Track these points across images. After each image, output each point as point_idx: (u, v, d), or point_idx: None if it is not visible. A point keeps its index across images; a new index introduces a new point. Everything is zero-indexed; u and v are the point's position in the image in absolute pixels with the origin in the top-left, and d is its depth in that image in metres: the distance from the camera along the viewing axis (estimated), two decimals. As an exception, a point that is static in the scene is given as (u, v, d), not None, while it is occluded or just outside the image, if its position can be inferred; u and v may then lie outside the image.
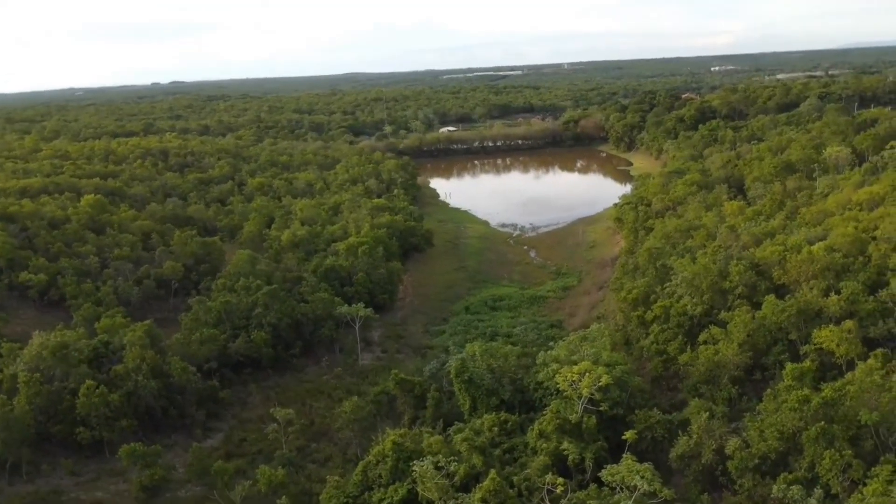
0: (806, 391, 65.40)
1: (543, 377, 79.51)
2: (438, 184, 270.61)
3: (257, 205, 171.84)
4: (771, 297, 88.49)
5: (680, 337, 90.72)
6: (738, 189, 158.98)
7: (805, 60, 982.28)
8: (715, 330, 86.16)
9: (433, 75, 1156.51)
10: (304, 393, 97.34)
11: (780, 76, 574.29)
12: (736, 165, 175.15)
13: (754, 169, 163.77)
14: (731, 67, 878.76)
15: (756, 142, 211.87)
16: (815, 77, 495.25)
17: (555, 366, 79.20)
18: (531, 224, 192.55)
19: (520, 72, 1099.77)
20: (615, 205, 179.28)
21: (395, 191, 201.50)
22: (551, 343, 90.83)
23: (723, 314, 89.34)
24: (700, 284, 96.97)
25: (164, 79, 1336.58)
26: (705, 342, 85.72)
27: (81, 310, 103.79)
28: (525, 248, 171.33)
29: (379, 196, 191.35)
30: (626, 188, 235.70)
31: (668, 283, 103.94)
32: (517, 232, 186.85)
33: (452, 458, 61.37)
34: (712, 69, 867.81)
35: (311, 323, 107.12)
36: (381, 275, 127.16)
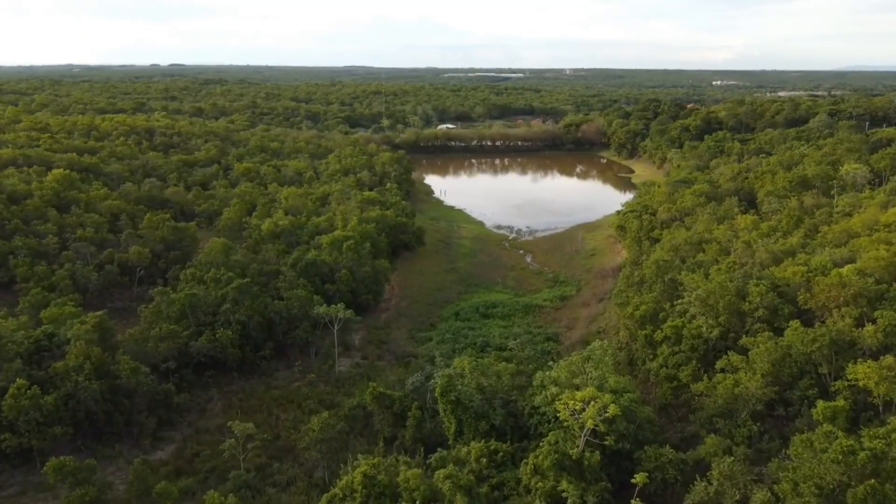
0: (850, 441, 55.35)
1: (541, 401, 69.29)
2: (433, 181, 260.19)
3: (241, 191, 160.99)
4: (796, 324, 78.54)
5: (693, 362, 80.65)
6: (748, 202, 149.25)
7: (804, 80, 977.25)
8: (734, 357, 76.08)
9: (434, 73, 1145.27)
10: (272, 401, 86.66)
11: (781, 93, 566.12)
12: (746, 178, 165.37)
13: (766, 182, 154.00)
14: (733, 82, 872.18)
15: (765, 155, 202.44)
16: (818, 96, 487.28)
17: (554, 389, 69.06)
18: (528, 227, 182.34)
19: (521, 75, 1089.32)
20: (617, 212, 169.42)
21: (388, 185, 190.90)
22: (550, 362, 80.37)
23: (744, 340, 79.20)
24: (716, 304, 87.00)
25: (165, 60, 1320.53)
26: (723, 370, 75.85)
27: (30, 295, 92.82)
28: (521, 252, 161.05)
29: (371, 189, 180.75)
30: (626, 196, 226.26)
31: (678, 301, 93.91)
32: (513, 235, 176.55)
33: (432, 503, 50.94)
34: (714, 83, 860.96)
35: (286, 322, 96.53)
36: (366, 273, 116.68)
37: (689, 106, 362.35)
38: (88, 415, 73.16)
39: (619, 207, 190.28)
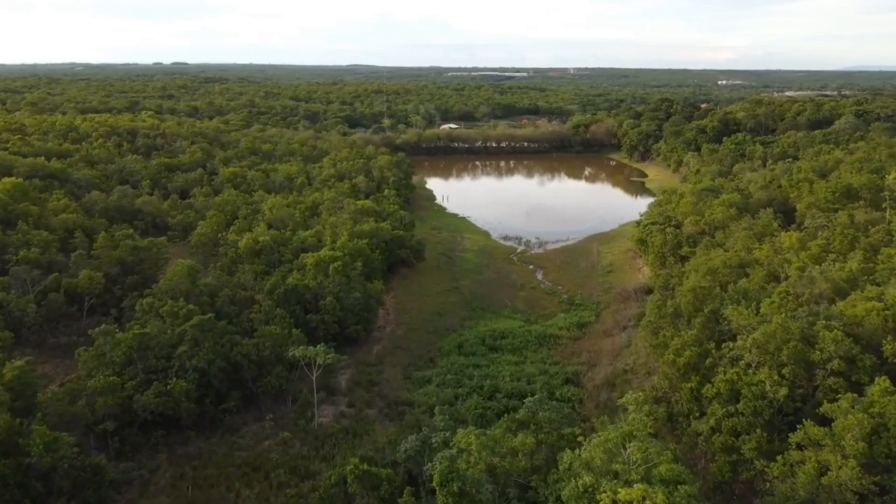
0: None
1: (570, 495, 52.11)
2: (436, 184, 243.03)
3: (221, 199, 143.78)
4: (884, 383, 61.36)
5: (758, 430, 63.39)
6: (784, 215, 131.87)
7: (810, 79, 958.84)
8: (814, 430, 58.83)
9: (437, 72, 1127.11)
10: (234, 469, 69.42)
11: (788, 93, 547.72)
12: (780, 187, 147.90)
13: (804, 193, 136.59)
14: (738, 82, 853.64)
15: (791, 160, 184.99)
16: (827, 95, 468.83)
17: (587, 478, 51.89)
18: (537, 238, 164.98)
19: (525, 74, 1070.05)
20: (637, 223, 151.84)
21: (386, 191, 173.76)
22: (576, 430, 62.96)
23: (825, 407, 61.78)
24: (777, 352, 69.89)
25: (168, 59, 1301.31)
26: (800, 445, 58.76)
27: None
28: (531, 267, 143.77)
29: (367, 196, 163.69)
30: (640, 201, 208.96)
31: (728, 345, 76.68)
32: (521, 247, 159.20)
33: None
34: (719, 83, 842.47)
35: (256, 367, 79.38)
36: (355, 299, 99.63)
37: (703, 106, 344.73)
38: (-14, 505, 56.22)
39: (634, 215, 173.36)
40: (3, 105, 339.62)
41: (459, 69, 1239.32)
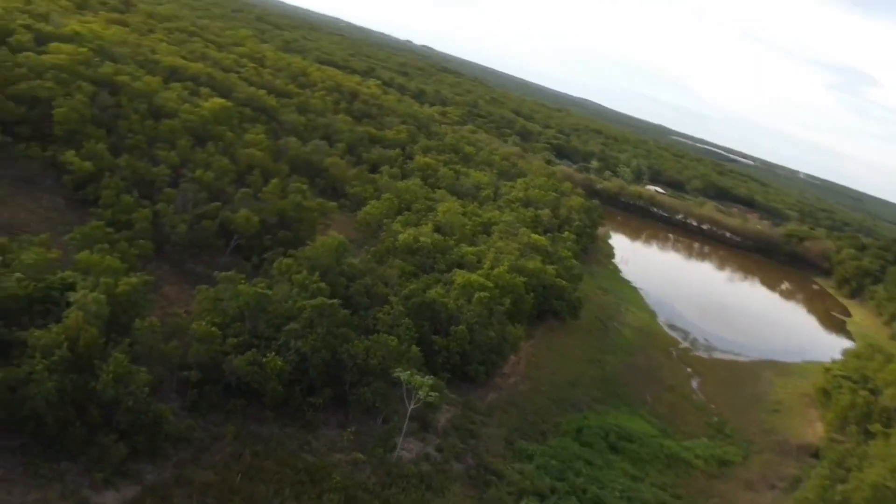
0: None
1: None
2: (620, 243, 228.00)
3: (404, 185, 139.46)
4: None
5: None
6: None
7: None
8: None
9: (661, 132, 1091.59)
10: (292, 473, 62.39)
11: None
12: None
13: None
14: None
15: None
16: None
17: None
18: (706, 340, 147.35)
19: (750, 162, 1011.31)
20: (825, 368, 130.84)
21: (567, 233, 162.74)
22: None
23: None
24: None
25: (418, 40, 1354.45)
26: None
27: (86, 227, 74.53)
28: (688, 370, 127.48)
29: (546, 232, 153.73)
30: (834, 341, 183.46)
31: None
32: (685, 343, 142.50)
33: None
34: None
35: (358, 372, 72.12)
36: (489, 338, 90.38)
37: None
38: (37, 417, 52.38)
39: (823, 355, 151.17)
40: (262, 35, 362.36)
41: (684, 135, 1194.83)
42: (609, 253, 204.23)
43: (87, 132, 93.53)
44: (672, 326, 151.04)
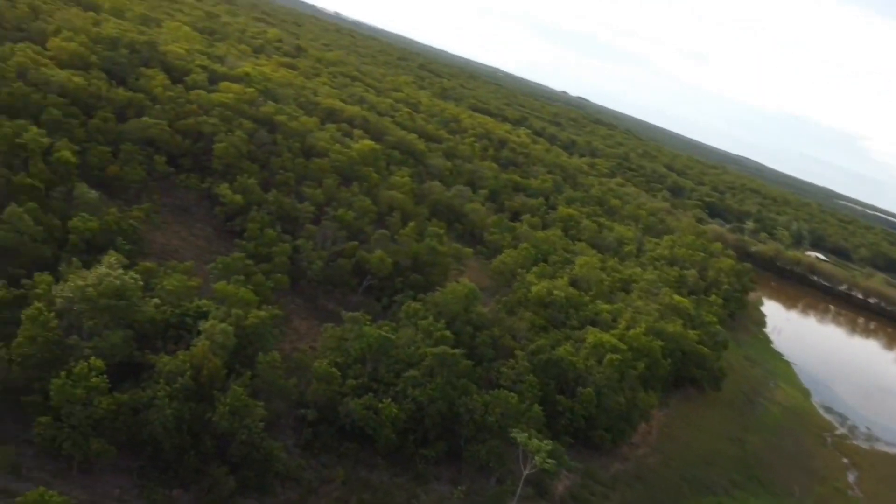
0: None
1: None
2: (772, 310, 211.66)
3: (543, 235, 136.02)
4: None
5: None
6: None
7: None
8: None
9: (826, 195, 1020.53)
10: (396, 527, 60.04)
11: None
12: None
13: None
14: None
15: None
16: None
17: None
18: (867, 428, 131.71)
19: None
20: None
21: (713, 296, 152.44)
22: None
23: None
24: None
25: (575, 90, 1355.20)
26: None
27: (229, 257, 76.73)
28: (844, 460, 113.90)
29: (690, 294, 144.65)
30: None
31: None
32: (842, 430, 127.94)
33: None
34: None
35: (474, 428, 68.88)
36: (618, 403, 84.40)
37: None
38: (153, 440, 53.10)
39: None
40: (421, 82, 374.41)
41: (853, 200, 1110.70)
42: (760, 321, 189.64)
43: (242, 167, 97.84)
44: (828, 409, 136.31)
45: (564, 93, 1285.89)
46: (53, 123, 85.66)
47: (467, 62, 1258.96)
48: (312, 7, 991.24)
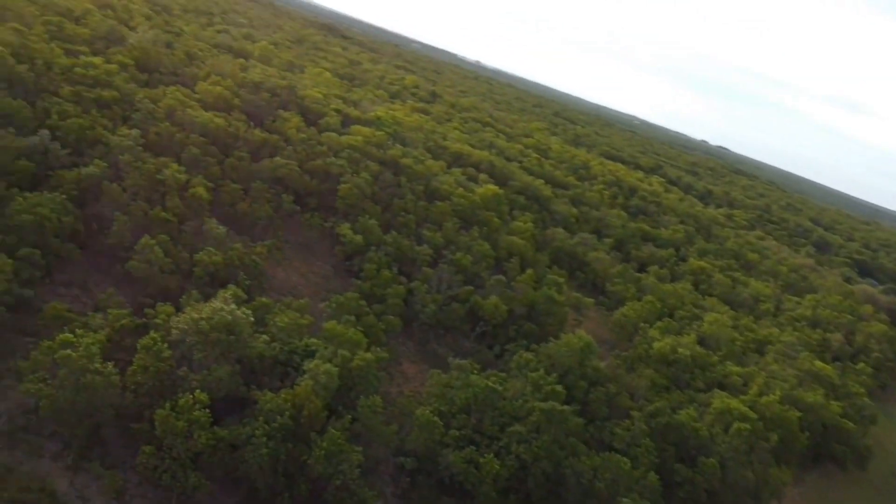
0: None
1: None
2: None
3: (671, 288, 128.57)
4: None
5: None
6: None
7: None
8: None
9: None
10: None
11: None
12: None
13: None
14: None
15: None
16: None
17: None
18: None
19: None
20: None
21: (861, 365, 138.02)
22: None
23: None
24: None
25: (714, 140, 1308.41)
26: None
27: (344, 297, 76.49)
28: None
29: (834, 360, 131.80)
30: None
31: None
32: None
33: None
34: None
35: (580, 495, 64.02)
36: (746, 478, 76.54)
37: None
38: (248, 478, 52.40)
39: None
40: (554, 129, 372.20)
41: None
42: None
43: (365, 207, 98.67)
44: None
45: (704, 142, 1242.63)
46: (192, 161, 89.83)
47: (604, 109, 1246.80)
48: (454, 56, 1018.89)
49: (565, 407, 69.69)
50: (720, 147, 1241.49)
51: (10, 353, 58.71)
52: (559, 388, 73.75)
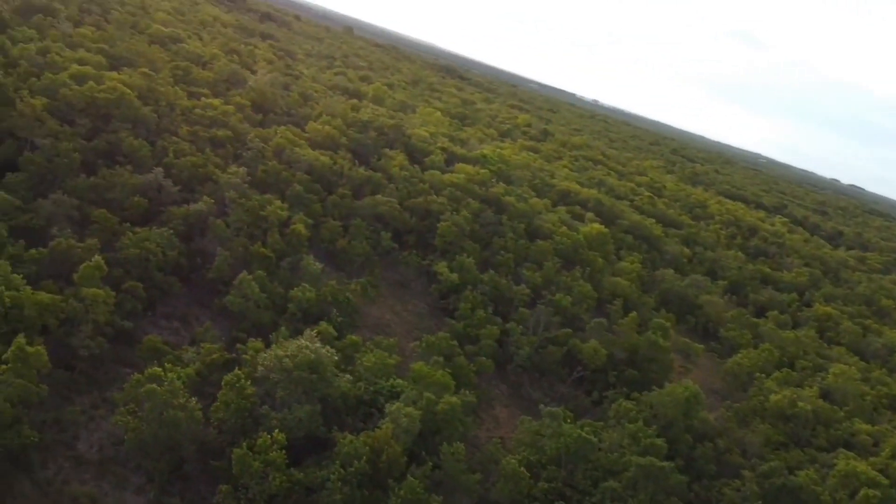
0: None
1: None
2: None
3: (789, 336, 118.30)
4: None
5: None
6: None
7: None
8: None
9: None
10: None
11: None
12: None
13: None
14: None
15: None
16: None
17: None
18: None
19: None
20: None
21: None
22: None
23: None
24: None
25: (846, 179, 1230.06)
26: None
27: (437, 338, 74.27)
28: None
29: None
30: None
31: None
32: None
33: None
34: None
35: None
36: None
37: None
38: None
39: None
40: (671, 167, 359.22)
41: None
42: None
43: (463, 246, 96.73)
44: None
45: (835, 180, 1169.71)
46: (295, 198, 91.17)
47: (726, 147, 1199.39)
48: (571, 95, 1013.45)
49: (665, 463, 63.99)
50: (852, 185, 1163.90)
51: (109, 384, 60.23)
52: (659, 441, 68.10)
